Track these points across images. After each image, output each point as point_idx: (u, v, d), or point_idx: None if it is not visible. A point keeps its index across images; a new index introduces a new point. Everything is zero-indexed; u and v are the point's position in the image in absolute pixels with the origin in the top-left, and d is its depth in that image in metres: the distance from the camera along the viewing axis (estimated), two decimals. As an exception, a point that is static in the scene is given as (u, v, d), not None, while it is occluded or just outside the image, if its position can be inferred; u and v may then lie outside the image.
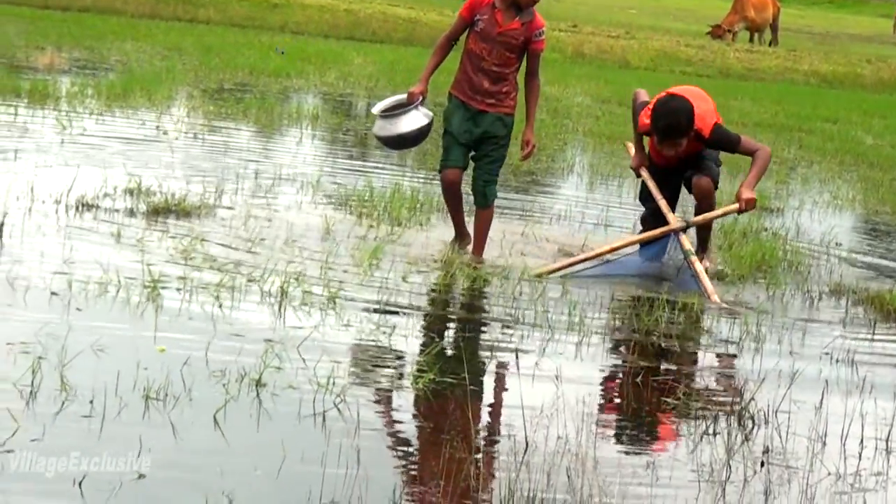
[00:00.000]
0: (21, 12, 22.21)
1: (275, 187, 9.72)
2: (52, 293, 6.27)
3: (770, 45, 37.04)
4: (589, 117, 16.48)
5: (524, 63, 8.17)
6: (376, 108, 8.31)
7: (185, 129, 11.97)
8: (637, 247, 8.45)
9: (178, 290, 6.60)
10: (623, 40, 30.48)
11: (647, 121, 8.27)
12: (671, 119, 8.08)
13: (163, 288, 6.54)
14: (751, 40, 37.31)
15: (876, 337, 7.39)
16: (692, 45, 30.89)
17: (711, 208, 8.38)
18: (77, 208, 8.20)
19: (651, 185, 8.54)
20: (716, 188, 8.51)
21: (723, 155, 8.67)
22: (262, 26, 25.03)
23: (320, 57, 20.28)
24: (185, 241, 7.65)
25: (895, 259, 9.90)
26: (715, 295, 7.67)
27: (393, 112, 8.18)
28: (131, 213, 8.29)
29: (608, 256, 8.29)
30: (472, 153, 8.27)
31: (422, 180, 10.77)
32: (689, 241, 8.22)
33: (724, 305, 7.58)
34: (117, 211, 8.27)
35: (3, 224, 7.40)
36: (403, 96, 8.23)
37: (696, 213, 8.45)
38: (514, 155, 9.47)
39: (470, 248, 8.32)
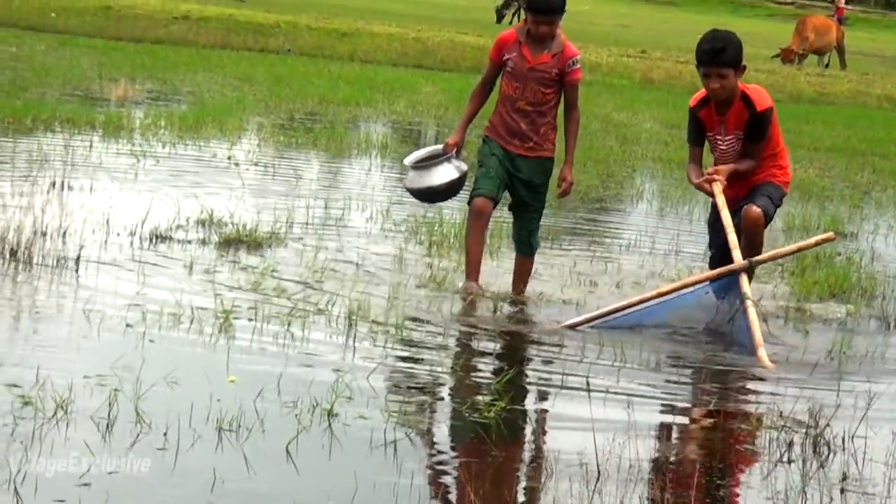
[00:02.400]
0: (94, 44, 22.49)
1: (345, 216, 9.77)
2: (127, 325, 6.33)
3: (829, 67, 36.82)
4: (658, 143, 16.44)
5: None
6: (409, 160, 7.98)
7: (255, 159, 12.07)
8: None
9: (250, 320, 6.64)
10: (692, 65, 30.34)
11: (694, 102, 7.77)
12: (717, 43, 7.46)
13: (235, 318, 6.58)
14: (818, 64, 37.16)
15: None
16: (762, 70, 30.73)
17: (755, 242, 7.58)
18: (151, 240, 8.29)
19: (721, 201, 7.56)
20: (767, 223, 7.72)
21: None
22: (332, 55, 25.19)
23: (389, 85, 20.38)
24: (257, 271, 7.71)
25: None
26: (766, 357, 6.82)
27: (425, 164, 7.87)
28: (203, 243, 8.37)
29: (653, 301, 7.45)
30: (509, 196, 7.92)
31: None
32: (748, 284, 7.31)
33: (771, 367, 6.75)
34: (190, 242, 8.35)
35: (79, 257, 7.49)
36: (439, 147, 7.90)
37: (742, 247, 7.46)
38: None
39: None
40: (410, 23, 34.40)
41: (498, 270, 8.42)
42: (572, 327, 7.18)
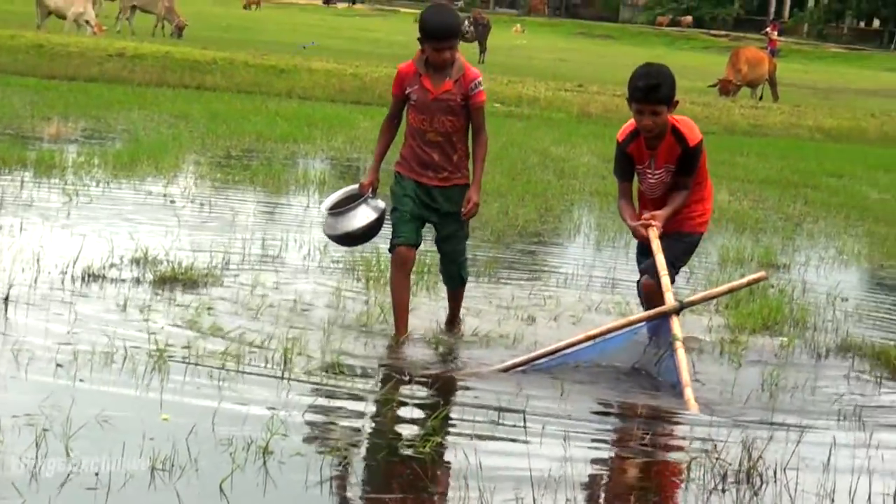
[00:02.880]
0: (27, 82, 22.32)
1: (282, 253, 9.74)
2: (57, 364, 6.28)
3: (762, 99, 37.19)
4: (595, 176, 16.51)
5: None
6: (324, 205, 7.85)
7: (192, 197, 12.01)
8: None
9: (184, 358, 6.61)
10: (628, 99, 30.53)
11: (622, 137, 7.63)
12: (651, 79, 7.31)
13: (169, 357, 6.54)
14: (751, 96, 37.53)
15: (882, 392, 7.38)
16: (697, 102, 31.00)
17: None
18: (83, 279, 8.23)
19: (657, 246, 7.46)
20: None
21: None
22: (269, 92, 25.15)
23: (327, 121, 20.38)
24: (192, 309, 7.67)
25: (903, 313, 9.88)
26: (692, 399, 6.62)
27: (342, 209, 7.72)
28: (138, 282, 8.32)
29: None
30: (429, 229, 7.77)
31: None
32: (679, 324, 7.13)
33: (696, 409, 6.56)
34: (123, 281, 8.29)
35: (7, 297, 7.43)
36: (355, 187, 7.78)
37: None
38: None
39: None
40: (348, 59, 34.44)
41: (435, 306, 8.42)
42: (504, 371, 7.05)
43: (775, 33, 57.48)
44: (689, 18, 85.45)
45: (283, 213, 12.01)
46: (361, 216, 7.68)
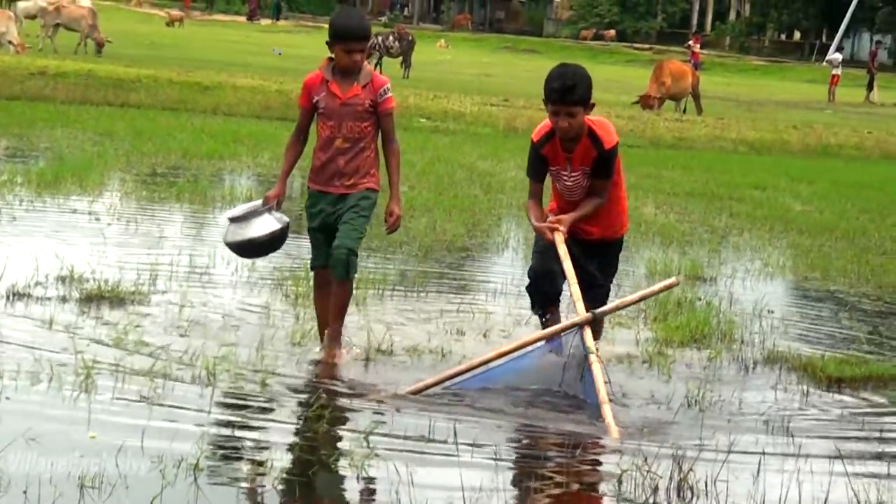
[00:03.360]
0: (-52, 101, 22.11)
1: (209, 270, 9.69)
2: (-16, 384, 6.23)
3: (686, 112, 37.53)
4: (523, 191, 16.48)
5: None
6: (227, 214, 7.74)
7: (117, 214, 11.92)
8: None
9: (112, 375, 6.56)
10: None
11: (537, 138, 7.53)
12: (567, 80, 7.20)
13: (96, 374, 6.49)
14: (675, 109, 37.83)
15: (809, 403, 7.46)
16: (622, 116, 31.18)
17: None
18: (8, 297, 8.15)
19: (563, 251, 7.31)
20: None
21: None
22: (194, 109, 25.00)
23: (253, 138, 20.29)
24: (119, 327, 7.62)
25: (825, 325, 9.98)
26: (610, 416, 6.45)
27: (244, 217, 7.55)
28: (64, 300, 8.25)
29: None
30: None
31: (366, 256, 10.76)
32: (591, 336, 6.95)
33: (615, 432, 6.36)
34: (49, 299, 8.22)
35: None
36: (259, 203, 7.60)
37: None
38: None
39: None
40: (273, 75, 34.33)
41: (362, 322, 8.42)
42: (416, 393, 6.84)
43: (697, 46, 58.00)
44: (612, 32, 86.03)
45: (210, 230, 11.94)
46: (264, 225, 7.51)
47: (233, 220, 7.59)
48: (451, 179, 16.78)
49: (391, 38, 46.81)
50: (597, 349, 6.86)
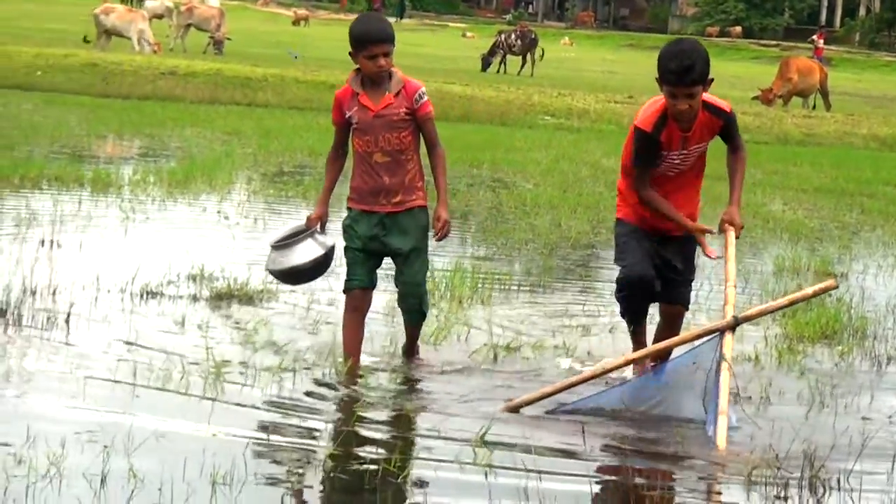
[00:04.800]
0: (81, 101, 22.51)
1: (336, 268, 9.74)
2: (115, 381, 6.34)
3: (814, 108, 37.02)
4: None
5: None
6: (271, 240, 7.32)
7: (245, 213, 12.06)
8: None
9: (241, 374, 6.66)
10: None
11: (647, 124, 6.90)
12: (684, 60, 6.63)
13: (226, 373, 6.59)
14: (803, 105, 37.35)
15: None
16: (749, 112, 30.85)
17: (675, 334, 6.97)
18: (141, 295, 8.29)
19: (732, 251, 6.83)
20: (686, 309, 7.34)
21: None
22: (320, 108, 25.17)
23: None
24: (248, 325, 7.71)
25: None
26: (722, 437, 6.03)
27: (286, 242, 7.13)
28: (194, 299, 8.37)
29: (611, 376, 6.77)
30: (387, 264, 7.18)
31: (480, 254, 10.78)
32: (731, 344, 6.43)
33: (721, 452, 5.98)
34: (181, 297, 8.35)
35: (69, 315, 7.49)
36: (302, 223, 7.19)
37: (660, 337, 7.15)
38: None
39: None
40: (398, 74, 34.48)
41: (488, 319, 8.42)
42: (513, 410, 6.40)
43: (821, 42, 57.18)
44: (738, 29, 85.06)
45: (337, 228, 12.01)
46: (307, 251, 7.09)
47: (275, 246, 7.17)
48: (576, 177, 16.74)
49: (513, 35, 46.85)
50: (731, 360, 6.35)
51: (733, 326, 6.46)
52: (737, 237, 6.98)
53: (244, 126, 20.25)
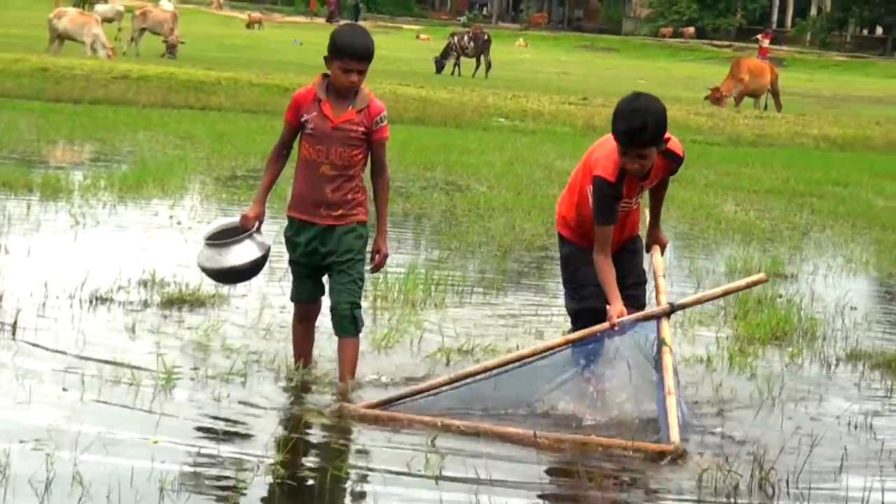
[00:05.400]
0: (32, 106, 22.33)
1: (289, 274, 9.71)
2: (64, 388, 6.31)
3: (765, 109, 37.23)
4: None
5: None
6: (202, 234, 7.09)
7: (198, 218, 12.01)
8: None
9: (192, 380, 6.64)
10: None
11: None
12: (636, 119, 6.34)
13: (176, 379, 6.57)
14: (754, 106, 37.55)
15: (893, 401, 7.37)
16: (701, 114, 31.01)
17: None
18: (91, 301, 8.24)
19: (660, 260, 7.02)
20: None
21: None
22: (274, 111, 25.13)
23: (331, 140, 20.38)
24: (199, 331, 7.68)
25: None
26: (675, 432, 5.96)
27: (222, 241, 6.91)
28: (145, 304, 8.33)
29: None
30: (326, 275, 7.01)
31: (434, 257, 10.79)
32: (668, 329, 6.53)
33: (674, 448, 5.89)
34: (131, 303, 8.31)
35: (16, 322, 7.44)
36: (235, 220, 7.01)
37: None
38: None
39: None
40: (351, 76, 34.44)
41: (441, 321, 8.41)
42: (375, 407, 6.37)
43: (766, 42, 57.49)
44: (691, 30, 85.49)
45: (271, 228, 11.98)
46: (245, 252, 6.91)
47: (210, 243, 6.96)
48: (530, 179, 16.75)
49: (466, 37, 46.96)
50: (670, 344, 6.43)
51: (669, 313, 6.55)
52: (661, 254, 7.13)
53: (197, 130, 20.17)
